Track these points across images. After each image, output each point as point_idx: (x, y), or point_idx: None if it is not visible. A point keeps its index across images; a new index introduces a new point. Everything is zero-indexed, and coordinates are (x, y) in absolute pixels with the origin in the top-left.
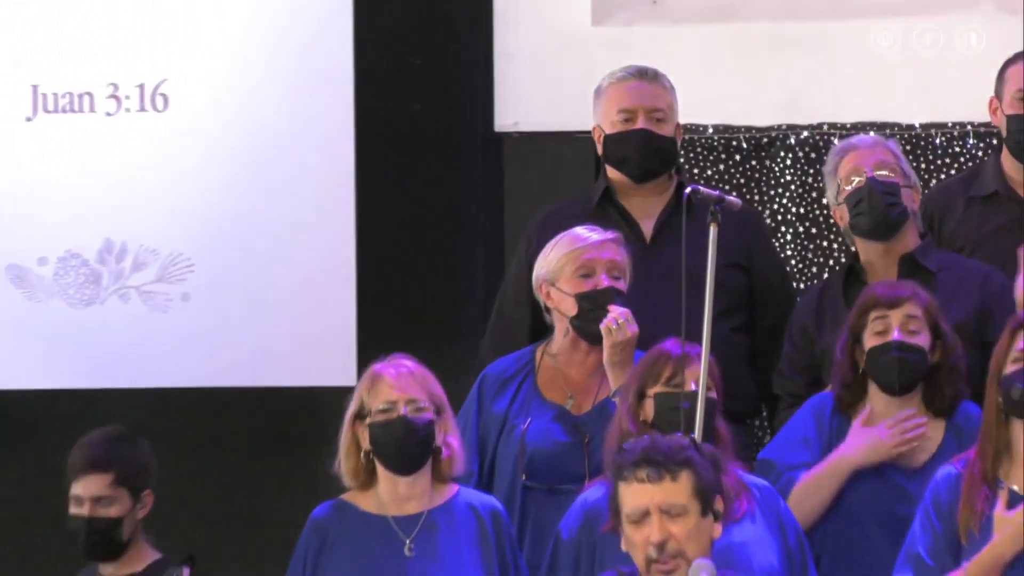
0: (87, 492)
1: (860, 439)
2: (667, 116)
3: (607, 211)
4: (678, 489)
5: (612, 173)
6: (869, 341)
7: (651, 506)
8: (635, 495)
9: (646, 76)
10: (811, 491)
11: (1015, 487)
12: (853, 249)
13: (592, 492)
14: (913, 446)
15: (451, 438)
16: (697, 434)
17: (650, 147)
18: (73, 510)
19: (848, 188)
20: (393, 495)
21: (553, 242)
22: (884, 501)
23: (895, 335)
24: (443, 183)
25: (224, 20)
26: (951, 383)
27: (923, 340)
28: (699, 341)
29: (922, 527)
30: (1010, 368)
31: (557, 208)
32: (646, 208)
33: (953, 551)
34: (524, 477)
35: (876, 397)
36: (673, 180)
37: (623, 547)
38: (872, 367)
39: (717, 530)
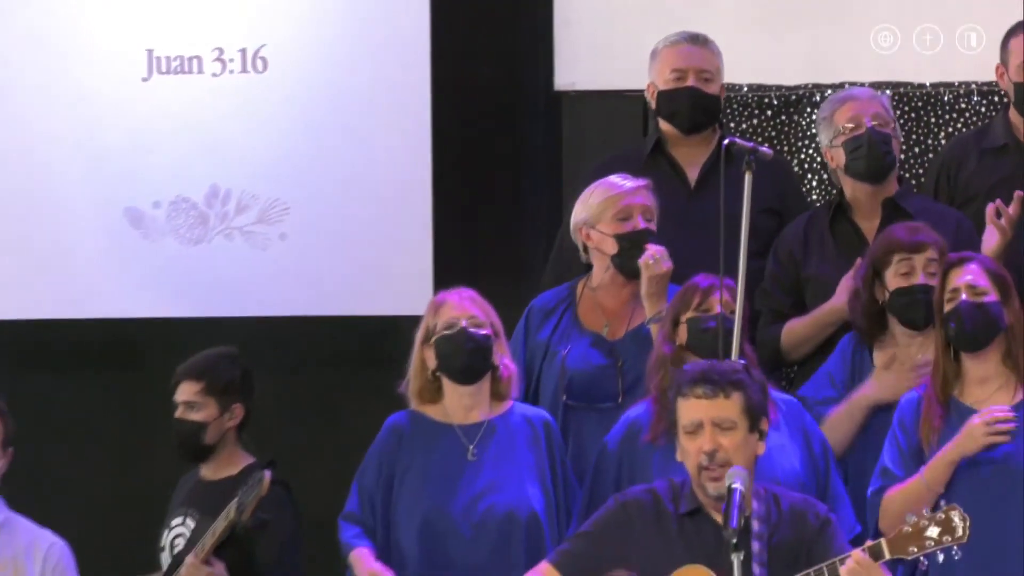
0: (180, 397)
1: (880, 381)
2: (714, 77)
3: (658, 160)
4: (730, 406)
5: (663, 125)
6: (894, 281)
7: (705, 419)
8: (691, 409)
9: (697, 41)
10: (839, 423)
11: (967, 402)
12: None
13: (635, 409)
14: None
15: (507, 360)
16: (734, 355)
17: (698, 103)
18: (177, 415)
19: (846, 134)
20: (458, 405)
21: (590, 190)
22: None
23: (920, 279)
24: (509, 135)
25: None
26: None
27: (938, 282)
28: (735, 276)
29: (890, 443)
30: (947, 308)
31: (613, 157)
32: (692, 157)
33: (916, 462)
34: (565, 397)
35: (897, 329)
36: (716, 133)
37: (677, 456)
38: (897, 305)
39: (761, 447)
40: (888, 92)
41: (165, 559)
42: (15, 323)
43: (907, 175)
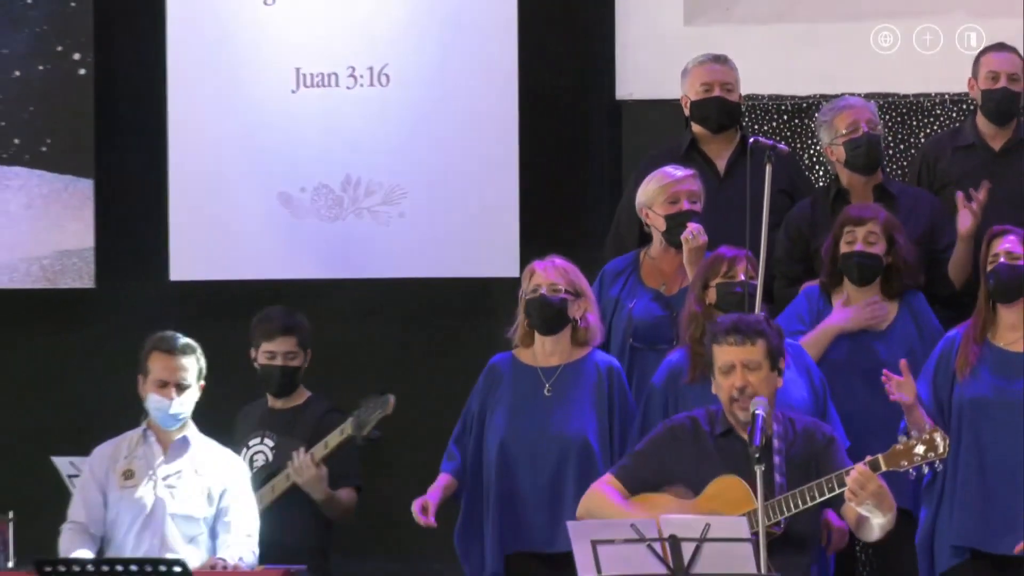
0: (280, 349)
1: (842, 314)
2: (734, 88)
3: (692, 155)
4: (756, 351)
5: (695, 127)
6: (843, 248)
7: (736, 362)
8: (725, 354)
9: (719, 60)
10: (809, 348)
11: (999, 344)
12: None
13: (674, 355)
14: (878, 319)
15: (590, 315)
16: (757, 310)
17: (723, 109)
18: (264, 361)
19: (846, 136)
20: (542, 351)
21: (649, 177)
22: (858, 355)
23: (858, 246)
24: (578, 135)
25: (425, 21)
26: (898, 277)
27: (879, 248)
28: (757, 246)
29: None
30: (989, 268)
31: (657, 152)
32: (719, 152)
33: (950, 384)
34: (631, 341)
35: (848, 285)
36: (738, 132)
37: (713, 390)
38: (843, 266)
39: (779, 382)
40: (876, 101)
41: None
42: (196, 283)
43: (894, 166)
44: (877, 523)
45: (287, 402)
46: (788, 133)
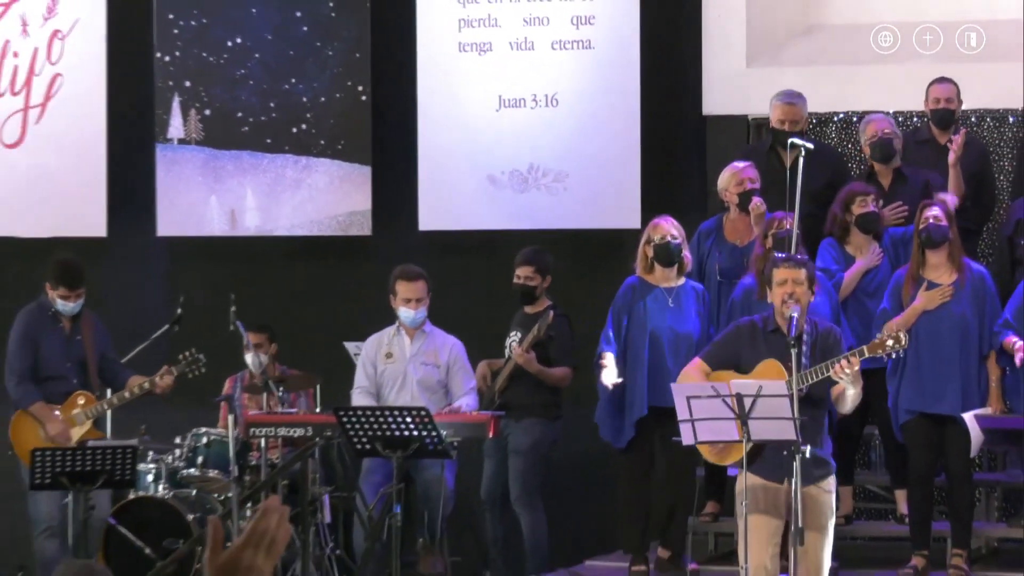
0: (522, 273)
1: (864, 260)
2: (800, 122)
3: (771, 154)
4: (800, 274)
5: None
6: (858, 209)
7: (788, 278)
8: (781, 273)
9: (795, 101)
10: (848, 284)
11: (929, 278)
12: (870, 163)
13: (747, 279)
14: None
15: (687, 253)
16: (794, 249)
17: (792, 135)
18: (516, 282)
19: (871, 139)
20: (662, 276)
21: (724, 170)
22: (861, 285)
23: (871, 207)
24: (678, 139)
25: (580, 65)
26: (884, 229)
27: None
28: (799, 214)
29: (887, 295)
30: (921, 226)
31: (748, 149)
32: (787, 154)
33: (898, 310)
34: (719, 277)
35: (856, 234)
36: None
37: (768, 299)
38: (862, 222)
39: (812, 298)
40: (877, 114)
41: (506, 355)
42: (436, 231)
43: None
44: (850, 394)
45: (534, 309)
46: (815, 137)
